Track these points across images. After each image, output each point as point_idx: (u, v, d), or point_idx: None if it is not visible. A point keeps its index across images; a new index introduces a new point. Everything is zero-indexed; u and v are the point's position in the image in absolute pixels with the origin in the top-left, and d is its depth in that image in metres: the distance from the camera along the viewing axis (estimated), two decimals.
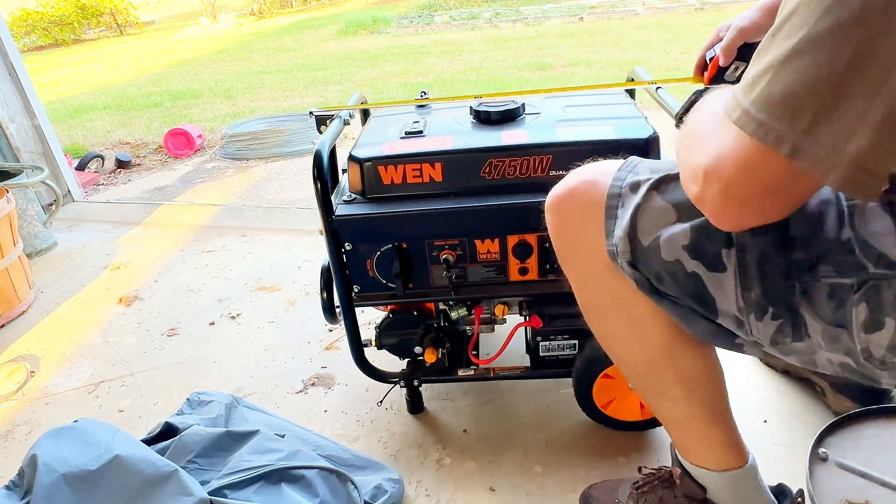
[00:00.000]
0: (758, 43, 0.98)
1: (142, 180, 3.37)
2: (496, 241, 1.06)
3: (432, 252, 1.07)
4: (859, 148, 0.45)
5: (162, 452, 1.03)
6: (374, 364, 1.26)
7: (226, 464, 1.02)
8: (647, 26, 7.16)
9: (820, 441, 1.03)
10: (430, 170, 1.04)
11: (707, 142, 0.56)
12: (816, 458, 1.01)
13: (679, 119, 0.69)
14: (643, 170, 0.73)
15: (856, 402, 1.13)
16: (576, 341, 1.16)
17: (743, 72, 0.98)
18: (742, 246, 0.63)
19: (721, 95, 0.62)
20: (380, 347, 1.21)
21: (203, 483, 0.95)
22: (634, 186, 0.71)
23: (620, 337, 0.84)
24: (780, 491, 0.88)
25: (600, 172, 0.76)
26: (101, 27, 14.30)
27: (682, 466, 0.88)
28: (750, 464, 0.84)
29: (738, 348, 0.72)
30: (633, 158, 0.76)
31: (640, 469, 1.01)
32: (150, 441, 1.11)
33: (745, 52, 0.97)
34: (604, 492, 1.02)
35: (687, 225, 0.66)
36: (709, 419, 0.82)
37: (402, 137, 1.11)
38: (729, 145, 0.52)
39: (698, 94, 0.68)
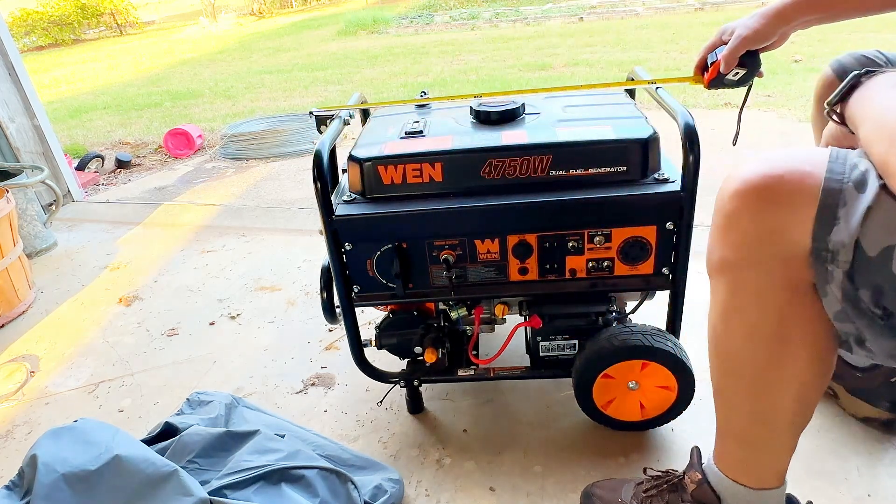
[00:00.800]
0: (758, 50, 1.00)
1: (142, 180, 3.37)
2: (496, 241, 1.06)
3: (432, 252, 1.07)
4: None
5: (162, 452, 1.03)
6: (374, 364, 1.26)
7: (226, 464, 1.02)
8: (647, 26, 7.16)
9: None
10: (430, 170, 1.04)
11: None
12: None
13: (832, 106, 0.60)
14: (863, 164, 0.61)
15: (875, 405, 1.13)
16: (576, 341, 1.16)
17: (742, 76, 1.01)
18: None
19: None
20: (380, 347, 1.21)
21: (203, 483, 0.95)
22: (860, 184, 0.59)
23: (760, 353, 0.73)
24: (788, 502, 0.88)
25: (810, 161, 0.63)
26: (101, 27, 14.31)
27: (703, 473, 0.86)
28: (784, 485, 0.83)
29: None
30: (839, 149, 0.64)
31: (644, 470, 1.01)
32: (150, 441, 1.11)
33: (744, 58, 0.98)
34: (606, 491, 1.02)
35: None
36: (789, 446, 0.79)
37: (402, 137, 1.11)
38: None
39: (857, 78, 0.59)
